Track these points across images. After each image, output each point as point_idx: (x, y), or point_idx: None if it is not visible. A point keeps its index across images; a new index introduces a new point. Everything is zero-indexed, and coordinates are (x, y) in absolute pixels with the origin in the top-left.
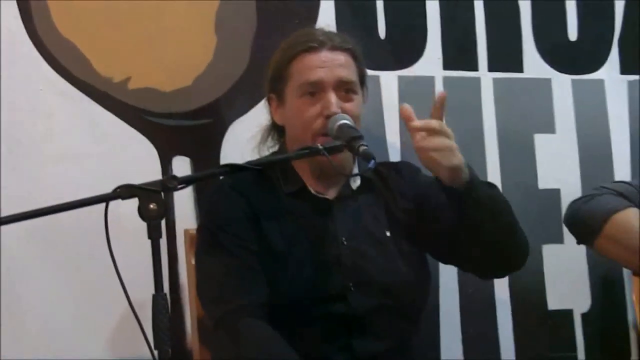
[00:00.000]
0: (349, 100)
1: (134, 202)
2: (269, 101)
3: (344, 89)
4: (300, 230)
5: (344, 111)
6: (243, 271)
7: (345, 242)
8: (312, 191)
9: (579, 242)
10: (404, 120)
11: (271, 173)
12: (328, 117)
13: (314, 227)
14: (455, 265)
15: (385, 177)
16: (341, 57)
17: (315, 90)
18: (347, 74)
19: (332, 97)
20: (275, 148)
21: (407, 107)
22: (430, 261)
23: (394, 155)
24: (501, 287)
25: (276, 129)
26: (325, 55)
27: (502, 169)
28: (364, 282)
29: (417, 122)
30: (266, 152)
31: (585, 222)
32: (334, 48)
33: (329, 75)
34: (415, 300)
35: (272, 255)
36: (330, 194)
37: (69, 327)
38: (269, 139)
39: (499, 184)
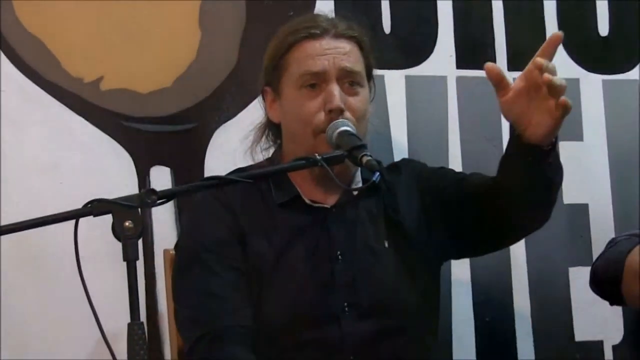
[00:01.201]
0: (353, 94)
1: (107, 219)
2: (264, 95)
3: (349, 80)
4: (291, 246)
5: (348, 106)
6: (226, 290)
7: (340, 257)
8: (307, 200)
9: (611, 304)
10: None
11: (262, 182)
12: (331, 111)
13: (307, 242)
14: (471, 247)
15: (386, 179)
16: (346, 46)
17: (316, 81)
18: (352, 63)
19: (335, 89)
20: (270, 151)
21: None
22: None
23: None
24: (523, 315)
25: (271, 128)
26: (328, 43)
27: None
28: (360, 303)
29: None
30: (260, 156)
31: (605, 279)
32: (338, 35)
33: (332, 64)
34: (422, 321)
35: (258, 274)
36: (329, 201)
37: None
38: (263, 139)
39: None
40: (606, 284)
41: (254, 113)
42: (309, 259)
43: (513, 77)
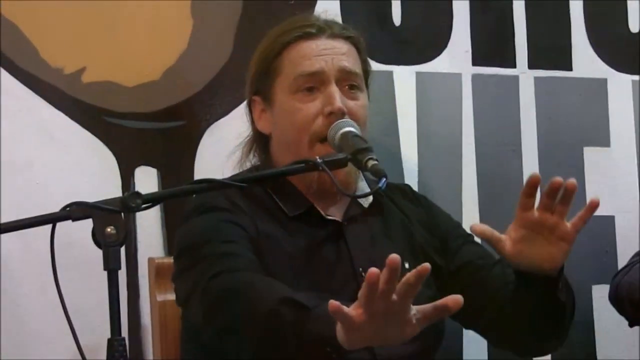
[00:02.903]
0: (353, 98)
1: (87, 224)
2: (251, 106)
3: (348, 83)
4: (310, 262)
5: (348, 111)
6: (242, 251)
7: (363, 275)
8: (323, 213)
9: (631, 325)
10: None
11: (258, 192)
12: (331, 114)
13: (327, 257)
14: (475, 331)
15: (391, 198)
16: (343, 46)
17: (313, 84)
18: (352, 64)
19: (335, 91)
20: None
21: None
22: None
23: (411, 170)
24: None
25: (260, 141)
26: (324, 43)
27: (542, 186)
28: None
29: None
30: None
31: (628, 299)
32: (334, 35)
33: (330, 64)
34: (437, 347)
35: None
36: (336, 214)
37: None
38: (251, 154)
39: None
40: (628, 304)
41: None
42: (330, 277)
43: (534, 76)
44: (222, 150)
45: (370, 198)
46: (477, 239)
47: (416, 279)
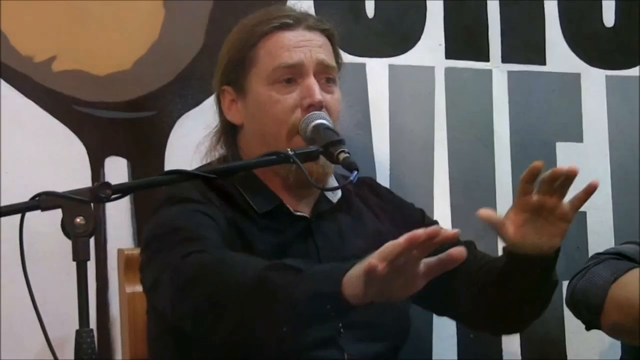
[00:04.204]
0: (329, 91)
1: (56, 215)
2: (220, 97)
3: (325, 77)
4: (280, 259)
5: (326, 104)
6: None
7: None
8: (291, 209)
9: (587, 328)
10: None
11: (228, 187)
12: (310, 106)
13: (296, 255)
14: (450, 317)
15: (363, 196)
16: (319, 38)
17: (292, 75)
18: (329, 58)
19: (314, 83)
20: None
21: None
22: None
23: (382, 163)
24: (510, 338)
25: (228, 132)
26: (302, 34)
27: (515, 184)
28: (357, 325)
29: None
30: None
31: (584, 303)
32: (310, 27)
33: (309, 57)
34: (402, 345)
35: None
36: (305, 210)
37: None
38: (219, 144)
39: (509, 201)
40: (585, 309)
41: None
42: None
43: (507, 70)
44: (192, 141)
45: (339, 193)
46: (441, 224)
47: (441, 240)
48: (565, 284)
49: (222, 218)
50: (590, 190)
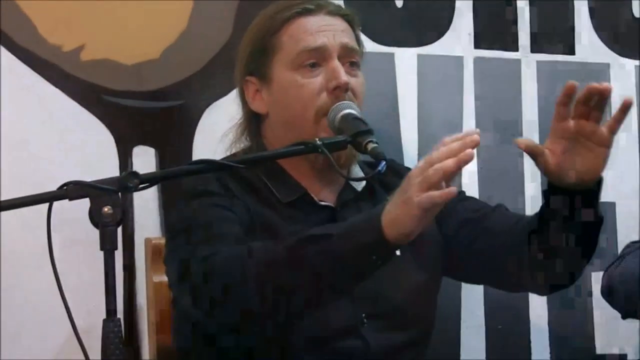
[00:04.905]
0: (354, 75)
1: (84, 204)
2: (244, 88)
3: (349, 60)
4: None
5: (351, 87)
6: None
7: None
8: (316, 199)
9: (624, 317)
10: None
11: (251, 177)
12: (336, 88)
13: None
14: (491, 284)
15: (385, 182)
16: (341, 23)
17: (316, 59)
18: (352, 41)
19: (339, 66)
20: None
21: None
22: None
23: (410, 154)
24: (539, 324)
25: (253, 123)
26: (323, 19)
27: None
28: (379, 315)
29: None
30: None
31: (622, 292)
32: (331, 13)
33: (332, 40)
34: (427, 338)
35: None
36: (329, 199)
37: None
38: (244, 136)
39: (538, 193)
40: (622, 295)
41: None
42: None
43: (536, 60)
44: (221, 130)
45: (364, 182)
46: (468, 194)
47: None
48: (593, 275)
49: (244, 209)
50: (625, 108)
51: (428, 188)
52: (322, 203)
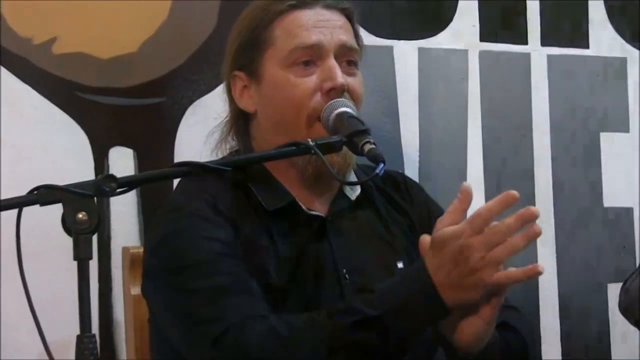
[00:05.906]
0: (352, 74)
1: (57, 210)
2: (231, 83)
3: (346, 59)
4: (295, 264)
5: (348, 88)
6: (236, 283)
7: (347, 277)
8: (304, 207)
9: None
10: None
11: (239, 181)
12: (331, 90)
13: (311, 259)
14: None
15: (381, 188)
16: (339, 18)
17: (310, 57)
18: (350, 39)
19: (336, 65)
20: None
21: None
22: None
23: (411, 155)
24: (551, 338)
25: (240, 121)
26: (320, 13)
27: (555, 176)
28: None
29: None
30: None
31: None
32: (329, 6)
33: (329, 38)
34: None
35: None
36: (321, 209)
37: None
38: (230, 135)
39: (549, 198)
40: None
41: None
42: (318, 279)
43: (547, 53)
44: (205, 130)
45: (359, 189)
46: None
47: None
48: (610, 286)
49: (233, 232)
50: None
51: (497, 267)
52: (312, 212)
